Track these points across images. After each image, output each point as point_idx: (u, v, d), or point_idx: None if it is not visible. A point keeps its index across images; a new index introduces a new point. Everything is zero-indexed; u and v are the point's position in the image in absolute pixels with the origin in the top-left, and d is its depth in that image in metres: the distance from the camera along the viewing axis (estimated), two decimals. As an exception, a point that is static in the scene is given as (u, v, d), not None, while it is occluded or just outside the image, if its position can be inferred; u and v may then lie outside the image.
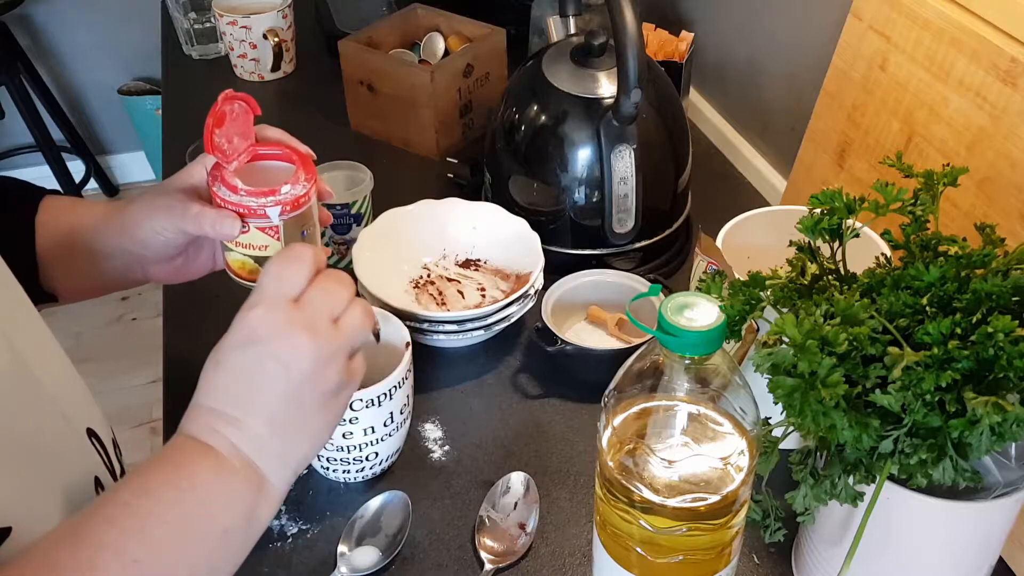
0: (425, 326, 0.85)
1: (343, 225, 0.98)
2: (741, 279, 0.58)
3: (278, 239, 0.66)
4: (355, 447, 0.73)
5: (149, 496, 0.52)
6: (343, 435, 0.72)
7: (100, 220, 0.72)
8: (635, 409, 0.55)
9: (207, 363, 0.55)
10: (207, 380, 0.55)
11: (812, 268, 0.61)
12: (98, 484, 0.64)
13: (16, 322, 0.62)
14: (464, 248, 0.97)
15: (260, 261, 0.67)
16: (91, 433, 0.66)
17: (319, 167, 1.00)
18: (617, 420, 0.55)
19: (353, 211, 0.97)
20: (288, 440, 0.55)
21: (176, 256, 0.72)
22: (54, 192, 0.77)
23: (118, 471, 0.69)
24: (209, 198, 0.66)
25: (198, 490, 0.53)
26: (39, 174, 2.64)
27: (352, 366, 0.57)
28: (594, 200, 0.94)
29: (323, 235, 1.00)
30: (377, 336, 0.62)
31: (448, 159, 1.18)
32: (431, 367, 0.89)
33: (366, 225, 0.97)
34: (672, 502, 0.53)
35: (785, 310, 0.58)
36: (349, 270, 0.93)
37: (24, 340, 0.61)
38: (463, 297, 0.94)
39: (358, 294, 0.59)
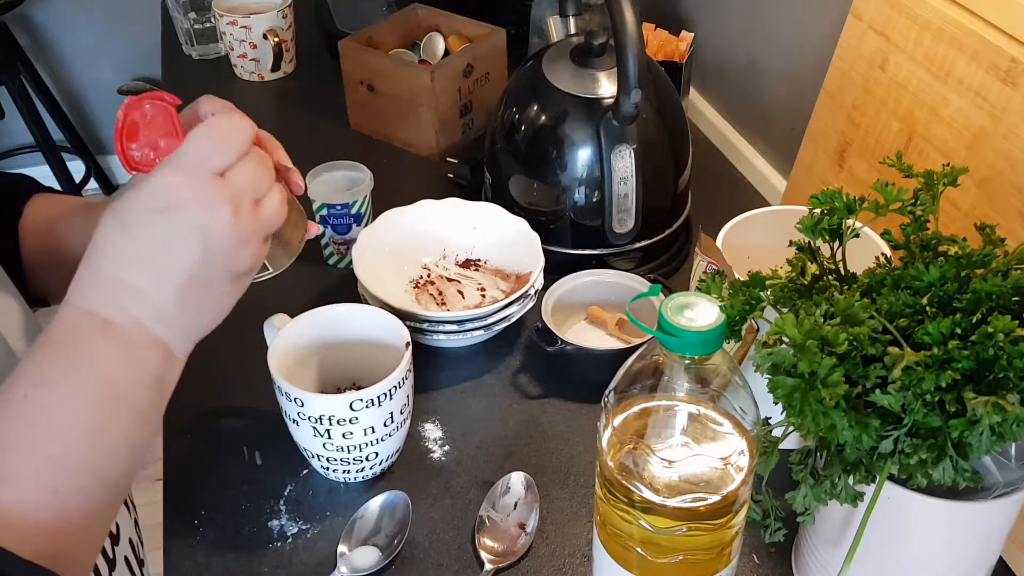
0: (425, 326, 0.85)
1: (343, 225, 0.98)
2: (741, 279, 0.58)
3: None
4: (355, 447, 0.73)
5: (51, 387, 0.49)
6: (343, 435, 0.72)
7: (84, 219, 0.70)
8: (635, 409, 0.55)
9: (106, 222, 0.52)
10: (108, 242, 0.51)
11: (812, 268, 0.61)
12: None
13: (11, 324, 0.62)
14: (464, 248, 0.97)
15: None
16: None
17: (320, 167, 1.00)
18: (617, 420, 0.55)
19: (353, 211, 0.97)
20: (194, 315, 0.53)
21: None
22: (42, 188, 0.75)
23: None
24: None
25: (103, 373, 0.50)
26: (39, 174, 2.62)
27: (260, 252, 0.55)
28: (594, 200, 0.94)
29: (323, 235, 1.00)
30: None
31: (448, 159, 1.18)
32: (431, 367, 0.89)
33: (366, 225, 0.97)
34: (672, 502, 0.53)
35: (785, 310, 0.58)
36: (349, 270, 0.93)
37: (20, 343, 0.61)
38: (463, 297, 0.94)
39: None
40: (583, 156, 0.93)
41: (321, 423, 0.71)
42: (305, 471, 0.79)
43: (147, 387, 0.52)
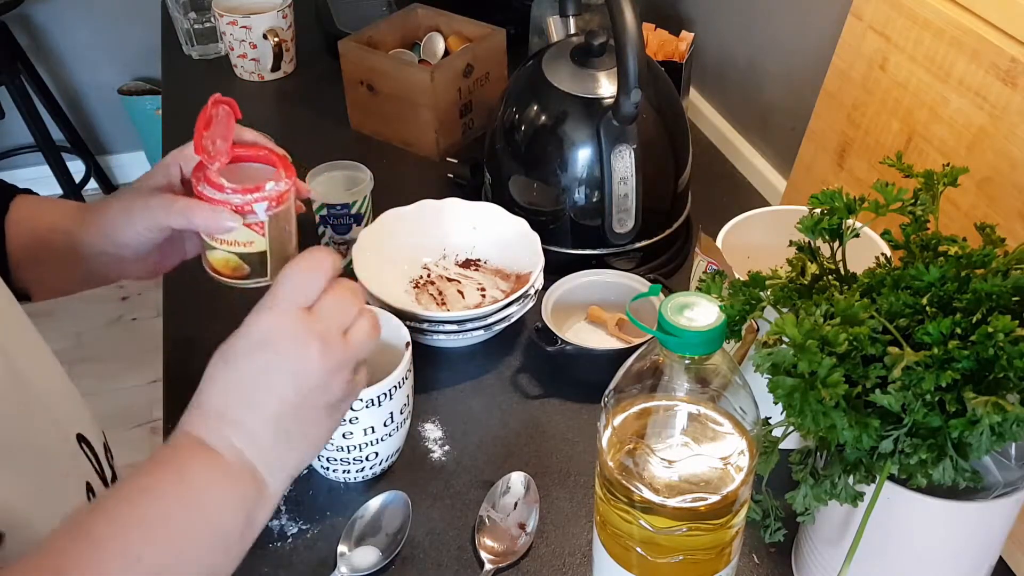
0: (425, 326, 0.85)
1: (343, 225, 0.98)
2: (741, 279, 0.58)
3: (263, 235, 0.68)
4: (355, 447, 0.73)
5: (151, 494, 0.51)
6: (343, 435, 0.72)
7: (75, 223, 0.72)
8: (635, 409, 0.55)
9: (214, 361, 0.55)
10: (213, 380, 0.55)
11: (812, 268, 0.61)
12: (89, 490, 0.64)
13: (7, 327, 0.62)
14: (464, 248, 0.97)
15: (244, 258, 0.69)
16: (81, 439, 0.66)
17: (320, 167, 1.00)
18: (617, 420, 0.55)
19: (353, 211, 0.97)
20: (289, 446, 0.55)
21: (151, 253, 0.72)
22: (27, 191, 0.77)
23: (109, 476, 0.69)
24: (184, 195, 0.68)
25: (200, 491, 0.52)
26: (39, 174, 2.65)
27: (356, 378, 0.57)
28: (594, 200, 0.94)
29: (322, 235, 1.00)
30: None
31: (448, 159, 1.18)
32: (431, 367, 0.89)
33: (366, 225, 0.97)
34: (672, 502, 0.53)
35: (785, 310, 0.58)
36: (349, 270, 0.93)
37: (14, 345, 0.61)
38: (463, 297, 0.94)
39: (367, 302, 0.59)
40: (583, 156, 0.93)
41: (321, 423, 0.71)
42: (305, 471, 0.79)
43: (238, 517, 0.53)
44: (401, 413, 0.75)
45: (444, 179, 1.15)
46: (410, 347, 0.74)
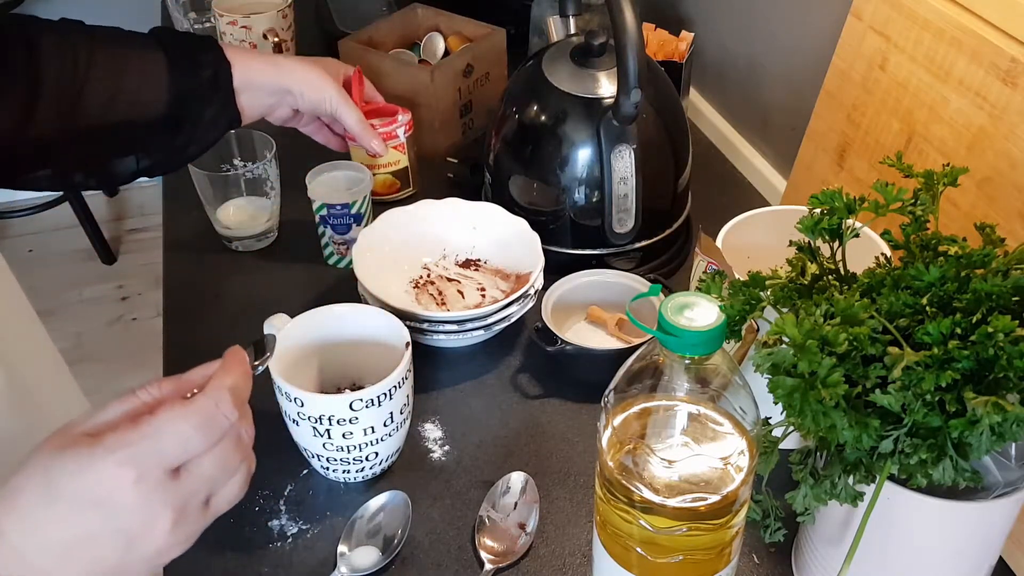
0: (425, 326, 0.85)
1: (343, 225, 0.98)
2: (741, 279, 0.58)
3: (404, 153, 1.08)
4: (355, 447, 0.73)
5: None
6: (343, 435, 0.72)
7: (282, 76, 0.90)
8: (635, 409, 0.55)
9: (34, 475, 0.46)
10: (27, 505, 0.45)
11: (812, 268, 0.61)
12: None
13: (13, 337, 0.62)
14: (464, 248, 0.97)
15: (396, 175, 1.09)
16: None
17: (320, 167, 1.00)
18: (617, 420, 0.55)
19: (353, 211, 0.97)
20: None
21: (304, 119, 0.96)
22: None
23: None
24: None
25: None
26: (39, 174, 2.64)
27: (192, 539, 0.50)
28: (594, 200, 0.94)
29: (323, 235, 1.00)
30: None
31: (448, 159, 1.18)
32: (431, 367, 0.89)
33: (366, 225, 0.97)
34: (672, 502, 0.53)
35: (785, 310, 0.58)
36: (349, 270, 0.93)
37: (20, 356, 0.61)
38: (463, 297, 0.94)
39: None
40: (583, 156, 0.93)
41: (321, 423, 0.71)
42: (305, 471, 0.79)
43: None
44: (401, 413, 0.75)
45: (444, 179, 1.15)
46: (410, 347, 0.74)
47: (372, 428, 0.72)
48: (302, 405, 0.71)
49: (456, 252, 0.97)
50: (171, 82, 0.83)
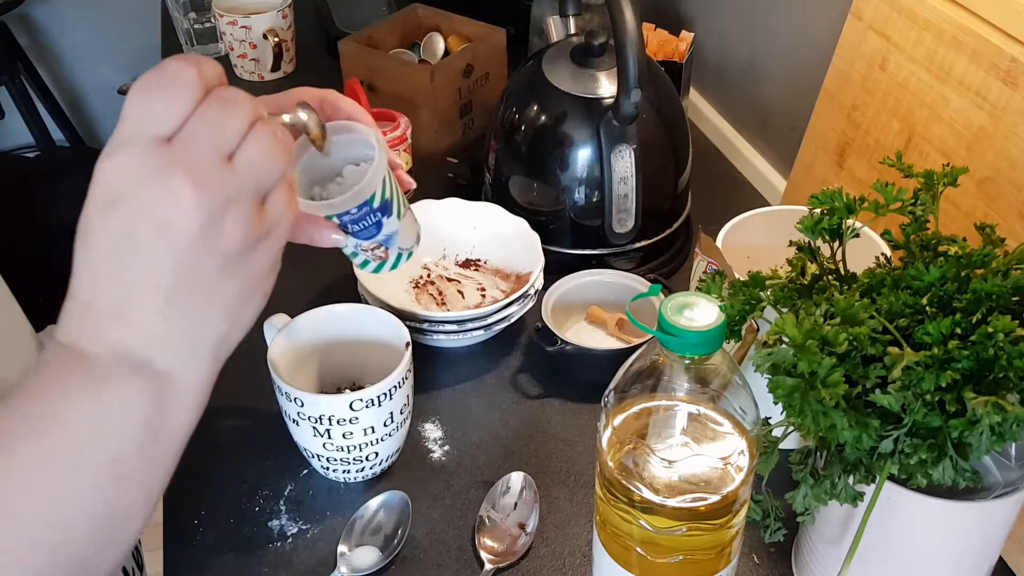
0: (425, 326, 0.85)
1: (370, 227, 0.91)
2: (741, 279, 0.58)
3: (410, 154, 1.07)
4: (355, 447, 0.73)
5: (9, 451, 0.41)
6: (343, 435, 0.72)
7: None
8: (635, 409, 0.55)
9: (77, 233, 0.42)
10: (77, 259, 0.42)
11: (812, 268, 0.61)
12: None
13: (11, 339, 0.61)
14: (464, 248, 0.97)
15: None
16: None
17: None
18: (617, 420, 0.55)
19: (376, 205, 0.93)
20: (193, 320, 0.42)
21: None
22: None
23: None
24: None
25: (68, 422, 0.41)
26: (39, 174, 2.64)
27: (268, 211, 0.43)
28: (594, 200, 0.94)
29: (344, 247, 0.94)
30: (320, 142, 0.49)
31: (448, 159, 1.18)
32: (431, 367, 0.89)
33: (401, 213, 0.92)
34: (672, 502, 0.53)
35: (785, 310, 0.58)
36: (350, 271, 0.93)
37: (12, 351, 0.61)
38: (463, 297, 0.94)
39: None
40: (583, 156, 0.93)
41: (321, 423, 0.71)
42: (305, 471, 0.79)
43: (129, 434, 0.42)
44: (401, 413, 0.75)
45: (444, 179, 1.15)
46: (410, 347, 0.74)
47: (372, 428, 0.72)
48: (302, 405, 0.71)
49: (456, 252, 0.97)
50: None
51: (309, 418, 0.71)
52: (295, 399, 0.71)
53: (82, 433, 0.41)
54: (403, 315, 0.80)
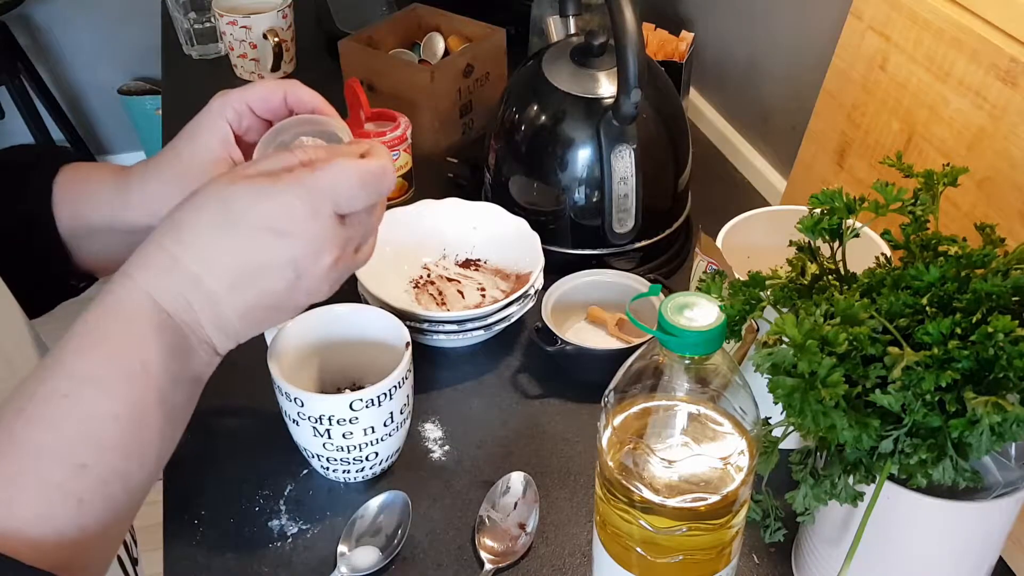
0: (425, 326, 0.85)
1: None
2: (741, 279, 0.58)
3: (409, 152, 1.09)
4: (355, 447, 0.73)
5: (96, 387, 0.46)
6: (343, 435, 0.72)
7: (117, 205, 0.65)
8: (635, 409, 0.55)
9: (206, 204, 0.48)
10: (204, 234, 0.48)
11: (812, 268, 0.61)
12: None
13: (6, 330, 0.62)
14: (464, 248, 0.97)
15: (405, 177, 1.09)
16: None
17: None
18: (617, 420, 0.55)
19: None
20: (249, 329, 0.52)
21: None
22: (72, 158, 0.70)
23: None
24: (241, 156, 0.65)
25: (152, 378, 0.47)
26: (39, 174, 2.64)
27: (358, 261, 0.55)
28: (594, 200, 0.94)
29: None
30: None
31: (448, 159, 1.18)
32: (431, 367, 0.89)
33: None
34: (672, 502, 0.53)
35: (785, 310, 0.58)
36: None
37: (13, 346, 0.61)
38: (463, 297, 0.94)
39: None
40: (583, 156, 0.93)
41: (321, 423, 0.71)
42: (305, 471, 0.79)
43: (187, 391, 0.50)
44: (401, 413, 0.75)
45: (444, 179, 1.15)
46: (410, 347, 0.74)
47: (372, 428, 0.72)
48: (302, 405, 0.71)
49: (456, 252, 0.97)
50: None
51: (309, 418, 0.71)
52: (295, 399, 0.71)
53: (161, 384, 0.48)
54: (403, 315, 0.80)
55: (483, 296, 0.94)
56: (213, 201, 0.49)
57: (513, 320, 0.88)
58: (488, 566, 0.71)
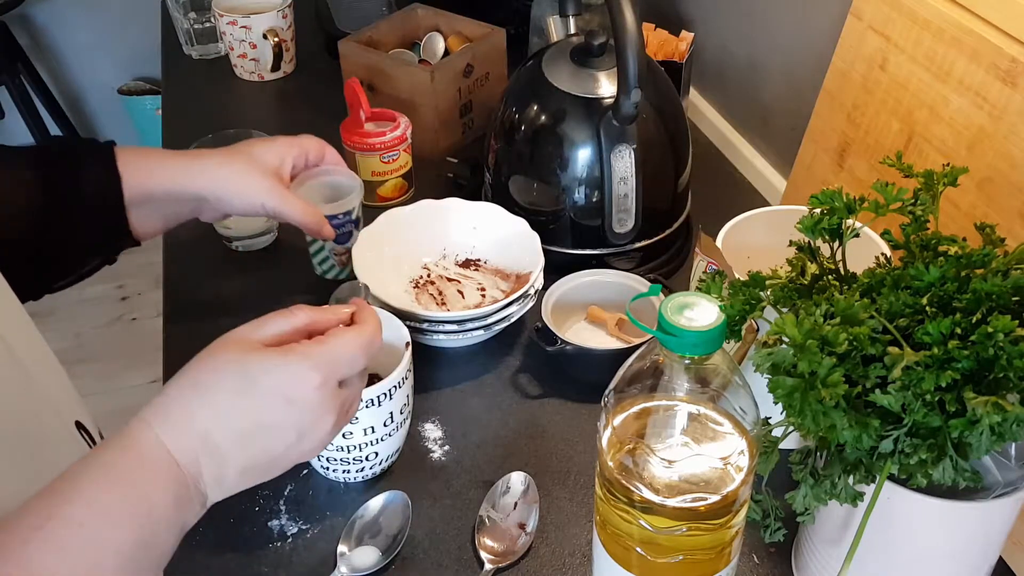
0: (425, 326, 0.85)
1: (345, 234, 0.96)
2: (741, 279, 0.58)
3: (409, 153, 1.10)
4: (355, 447, 0.73)
5: (109, 519, 0.49)
6: (343, 435, 0.72)
7: (185, 180, 0.78)
8: (635, 409, 0.55)
9: (227, 366, 0.53)
10: (222, 393, 0.53)
11: (812, 268, 0.61)
12: None
13: (7, 318, 0.62)
14: (464, 248, 0.97)
15: (404, 177, 1.11)
16: (80, 426, 0.66)
17: (300, 177, 0.96)
18: (617, 420, 0.55)
19: (353, 217, 0.95)
20: (244, 483, 0.56)
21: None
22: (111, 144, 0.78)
23: None
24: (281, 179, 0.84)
25: (154, 520, 0.50)
26: (39, 174, 2.64)
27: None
28: (594, 200, 0.94)
29: (319, 251, 0.98)
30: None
31: (448, 159, 1.18)
32: (431, 367, 0.89)
33: (360, 229, 0.95)
34: (672, 502, 0.53)
35: (785, 310, 0.58)
36: (350, 270, 0.93)
37: (12, 333, 0.62)
38: (463, 297, 0.94)
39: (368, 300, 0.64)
40: (583, 156, 0.93)
41: (321, 423, 0.71)
42: (305, 471, 0.79)
43: (176, 538, 0.53)
44: (401, 413, 0.75)
45: (444, 179, 1.15)
46: (410, 347, 0.74)
47: (372, 428, 0.72)
48: (302, 405, 0.71)
49: (456, 252, 0.97)
50: (35, 204, 0.72)
51: (309, 418, 0.71)
52: (295, 399, 0.70)
53: (161, 529, 0.51)
54: (403, 315, 0.80)
55: (483, 296, 0.94)
56: (232, 366, 0.53)
57: (513, 320, 0.88)
58: (488, 566, 0.71)
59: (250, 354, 0.54)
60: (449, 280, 0.96)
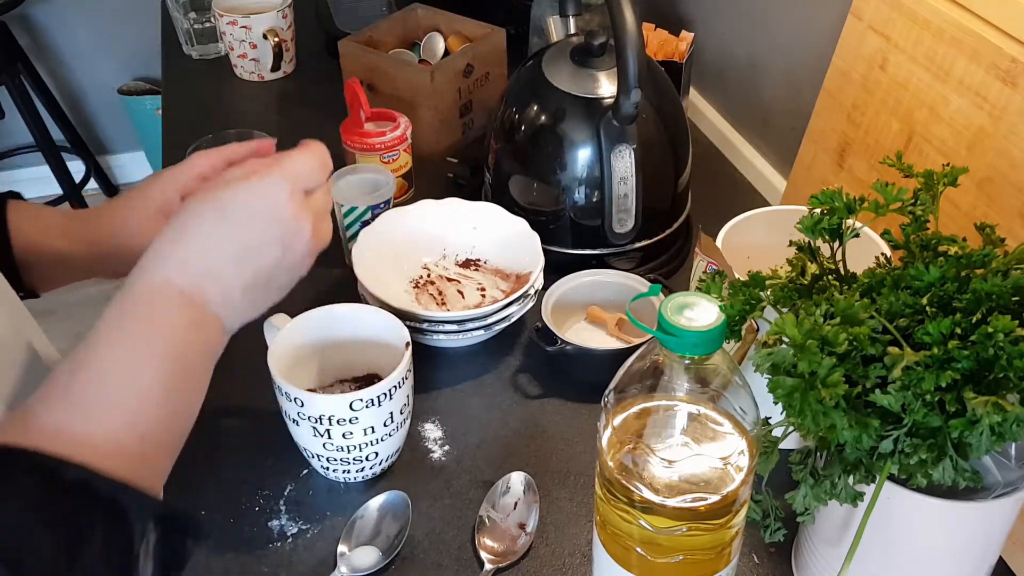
0: (425, 326, 0.85)
1: None
2: (741, 279, 0.58)
3: (409, 153, 1.10)
4: (355, 447, 0.73)
5: (135, 352, 0.54)
6: (343, 435, 0.72)
7: (72, 228, 0.76)
8: (635, 409, 0.55)
9: (200, 208, 0.57)
10: (204, 227, 0.57)
11: (812, 268, 0.61)
12: None
13: (7, 319, 0.63)
14: (464, 248, 0.97)
15: (405, 177, 1.10)
16: None
17: (341, 171, 0.99)
18: (617, 420, 0.55)
19: (391, 205, 0.99)
20: (251, 307, 0.60)
21: None
22: (12, 195, 0.77)
23: None
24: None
25: (179, 345, 0.55)
26: (39, 174, 2.64)
27: (324, 238, 0.63)
28: (594, 200, 0.94)
29: (353, 238, 0.99)
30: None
31: (448, 159, 1.18)
32: (431, 367, 0.89)
33: None
34: (672, 502, 0.53)
35: (785, 310, 0.58)
36: (350, 271, 0.93)
37: (14, 336, 0.62)
38: (463, 297, 0.94)
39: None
40: (583, 156, 0.93)
41: (321, 423, 0.71)
42: (305, 471, 0.79)
43: (206, 362, 0.58)
44: (401, 413, 0.75)
45: (444, 179, 1.15)
46: (410, 347, 0.74)
47: (372, 428, 0.72)
48: (302, 405, 0.71)
49: (456, 252, 0.97)
50: None
51: (309, 418, 0.71)
52: (295, 399, 0.71)
53: (186, 351, 0.56)
54: (403, 315, 0.80)
55: (483, 296, 0.94)
56: (207, 204, 0.58)
57: (513, 320, 0.88)
58: (488, 566, 0.71)
59: (218, 190, 0.58)
60: (449, 280, 0.96)
